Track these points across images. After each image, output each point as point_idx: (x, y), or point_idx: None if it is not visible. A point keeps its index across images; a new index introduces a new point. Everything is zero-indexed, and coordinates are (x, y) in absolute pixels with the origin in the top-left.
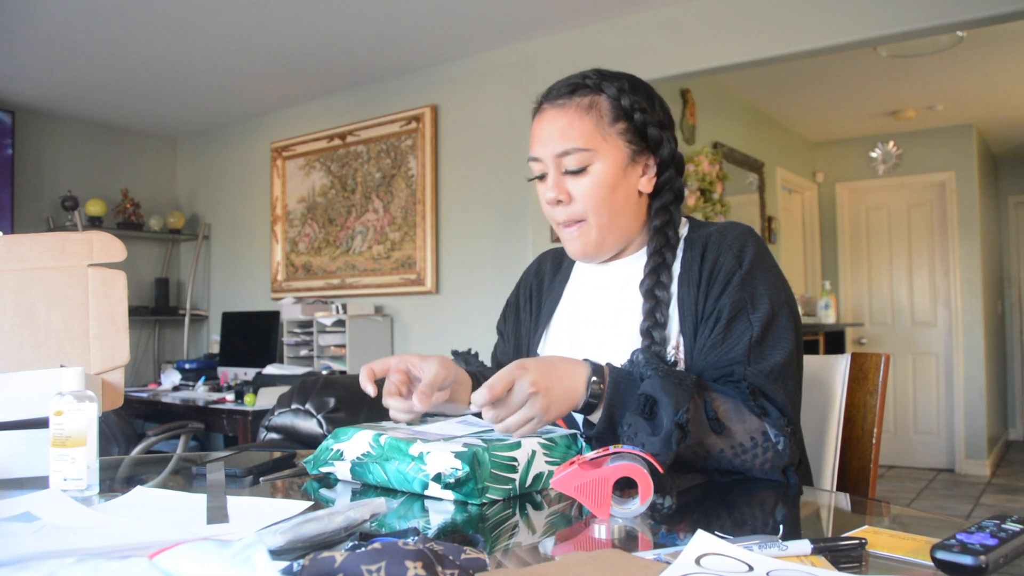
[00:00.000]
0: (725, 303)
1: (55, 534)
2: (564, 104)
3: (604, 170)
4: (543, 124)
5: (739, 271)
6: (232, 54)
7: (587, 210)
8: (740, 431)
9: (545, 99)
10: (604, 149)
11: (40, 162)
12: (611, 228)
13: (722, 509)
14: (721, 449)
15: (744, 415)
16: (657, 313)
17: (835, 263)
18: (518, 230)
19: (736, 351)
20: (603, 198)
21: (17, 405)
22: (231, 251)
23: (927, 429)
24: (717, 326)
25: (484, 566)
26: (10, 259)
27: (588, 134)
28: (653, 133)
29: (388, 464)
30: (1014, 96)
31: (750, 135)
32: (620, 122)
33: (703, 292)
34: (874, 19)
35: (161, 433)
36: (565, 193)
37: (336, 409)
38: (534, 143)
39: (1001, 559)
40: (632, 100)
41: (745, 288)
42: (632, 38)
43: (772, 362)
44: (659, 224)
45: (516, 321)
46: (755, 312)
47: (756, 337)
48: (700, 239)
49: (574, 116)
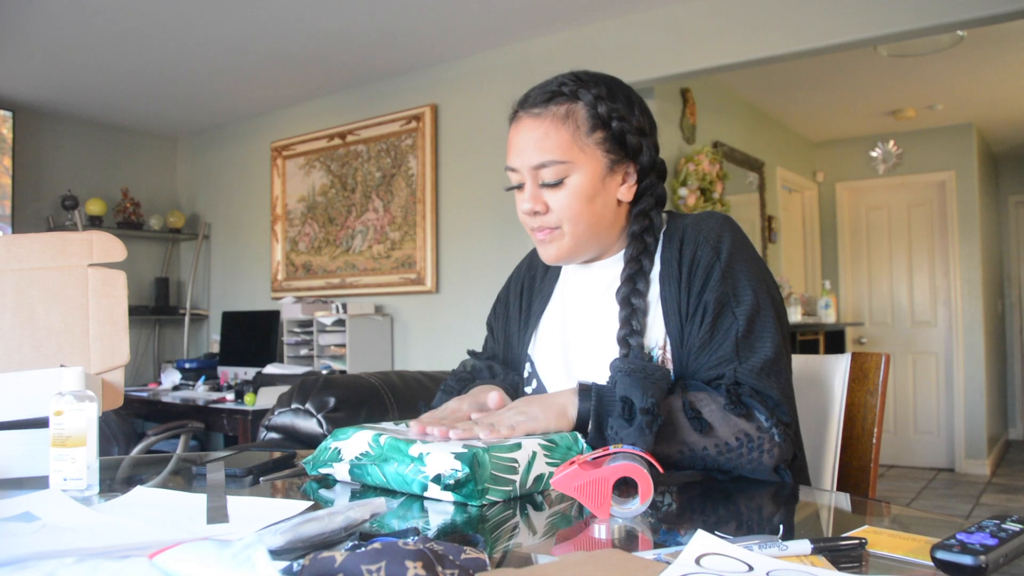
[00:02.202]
0: (709, 299)
1: (55, 534)
2: (540, 113)
3: (581, 182)
4: (519, 133)
5: (718, 263)
6: (232, 54)
7: (563, 220)
8: (724, 430)
9: (521, 107)
10: (581, 160)
11: (40, 162)
12: (587, 237)
13: (722, 509)
14: (704, 447)
15: (728, 415)
16: (633, 321)
17: (835, 263)
18: (518, 230)
19: (724, 348)
20: (580, 209)
21: (17, 405)
22: (231, 251)
23: (927, 429)
24: (703, 324)
25: (484, 566)
26: (10, 259)
27: (565, 146)
28: (632, 141)
29: (387, 466)
30: (1014, 96)
31: (750, 135)
32: (598, 131)
33: (684, 288)
34: (874, 19)
35: (161, 433)
36: (542, 204)
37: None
38: (511, 152)
39: (1001, 559)
40: (610, 108)
41: (727, 281)
42: (632, 38)
43: (763, 357)
44: (637, 230)
45: (506, 318)
46: (739, 305)
47: (742, 332)
48: (677, 232)
49: (550, 127)
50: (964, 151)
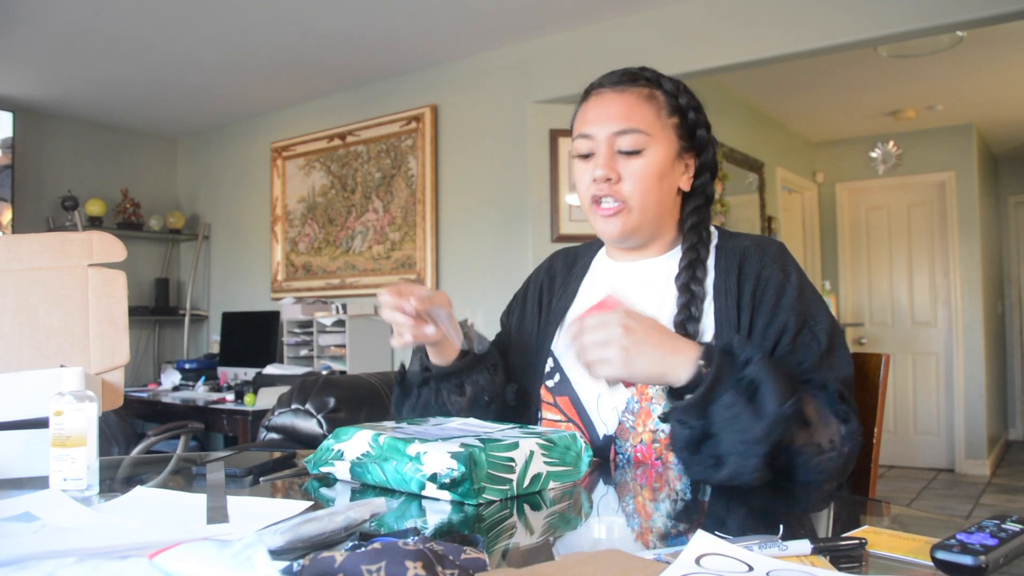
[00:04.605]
0: (788, 317)
1: (55, 534)
2: (624, 89)
3: (656, 157)
4: (601, 104)
5: (790, 285)
6: (232, 54)
7: (633, 192)
8: (823, 433)
9: (602, 84)
10: (660, 137)
11: (40, 162)
12: (651, 215)
13: (722, 509)
14: (804, 445)
15: (828, 418)
16: (692, 307)
17: (835, 263)
18: (518, 230)
19: (809, 361)
20: (651, 185)
21: (17, 405)
22: (231, 251)
23: (927, 429)
24: (783, 339)
25: (484, 566)
26: (10, 259)
27: (648, 119)
28: (702, 134)
29: (386, 464)
30: (1014, 96)
31: (750, 135)
32: (675, 117)
33: (747, 307)
34: (874, 19)
35: (161, 433)
36: (615, 172)
37: (336, 409)
38: (587, 121)
39: (1001, 559)
40: (688, 99)
41: (802, 302)
42: (632, 38)
43: (844, 372)
44: (694, 223)
45: (520, 315)
46: (817, 325)
47: (825, 348)
48: (735, 250)
49: (635, 101)
50: (964, 151)
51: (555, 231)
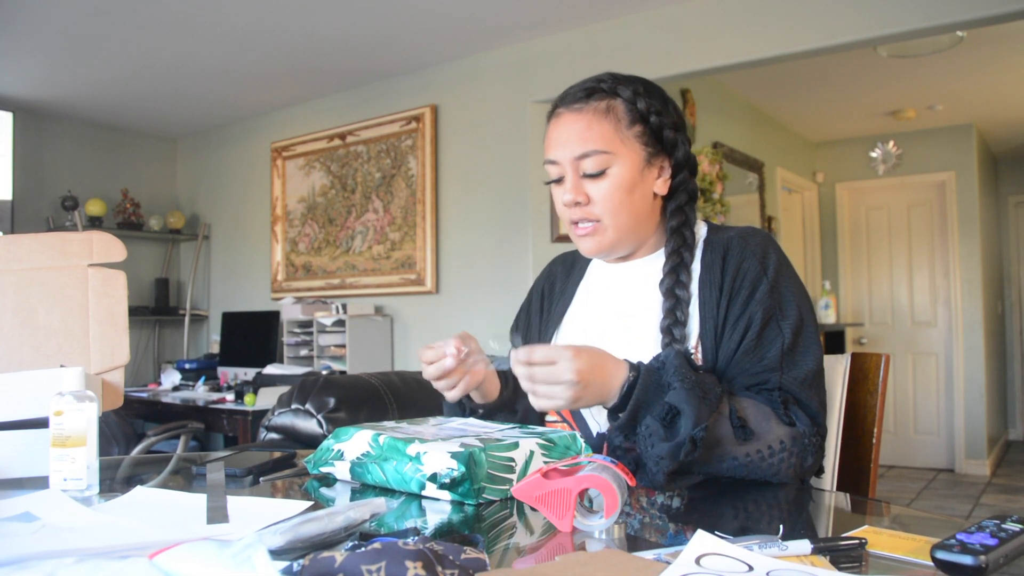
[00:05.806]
0: (755, 310)
1: (55, 534)
2: (581, 108)
3: (622, 173)
4: (560, 128)
5: (765, 278)
6: (232, 54)
7: (604, 212)
8: (767, 437)
9: (561, 103)
10: (622, 152)
11: (40, 162)
12: (626, 229)
13: (722, 509)
14: (747, 454)
15: (771, 422)
16: (677, 311)
17: (835, 263)
18: (518, 230)
19: (769, 358)
20: (621, 200)
21: (17, 405)
22: (231, 251)
23: (927, 429)
24: (748, 333)
25: (484, 566)
26: (10, 259)
27: (607, 137)
28: (668, 135)
29: (386, 464)
30: (1014, 96)
31: (750, 135)
32: (636, 125)
33: (726, 297)
34: (874, 19)
35: (161, 433)
36: (583, 195)
37: (336, 409)
38: (551, 146)
39: (1001, 559)
40: (648, 103)
41: (773, 296)
42: (632, 38)
43: (806, 369)
44: (676, 224)
45: (527, 323)
46: (784, 319)
47: (788, 344)
48: (720, 243)
49: (592, 119)
50: (964, 151)
51: (555, 231)
